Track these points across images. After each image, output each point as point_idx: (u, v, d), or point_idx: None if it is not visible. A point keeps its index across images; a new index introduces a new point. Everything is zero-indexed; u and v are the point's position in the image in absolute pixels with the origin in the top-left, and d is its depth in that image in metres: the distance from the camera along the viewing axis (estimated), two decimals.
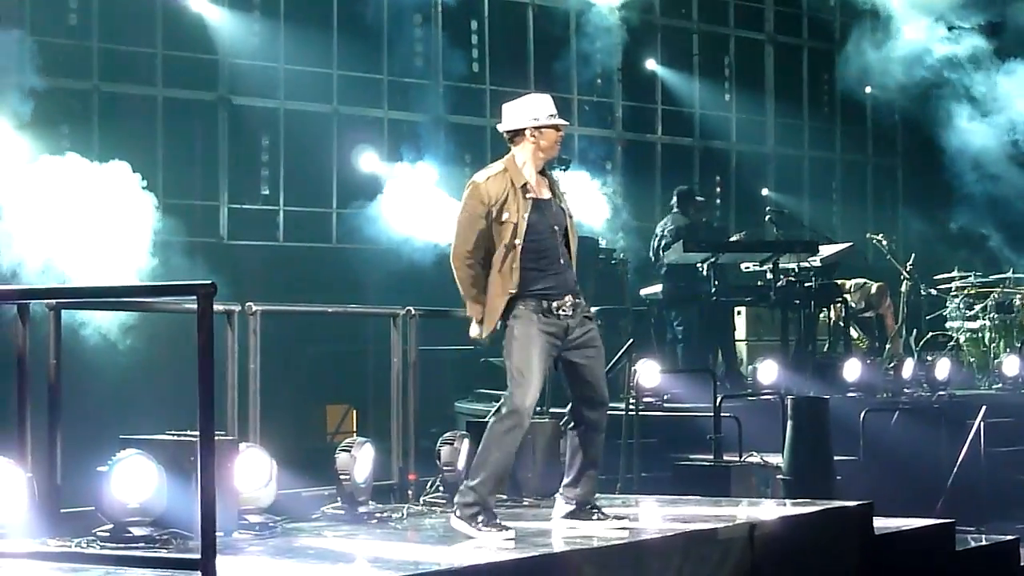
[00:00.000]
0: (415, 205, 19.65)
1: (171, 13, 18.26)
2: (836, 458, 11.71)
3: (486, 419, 7.73)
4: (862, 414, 13.08)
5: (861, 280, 17.36)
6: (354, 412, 18.18)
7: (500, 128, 7.84)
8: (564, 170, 16.24)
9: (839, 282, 16.44)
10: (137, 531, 6.93)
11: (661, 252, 15.69)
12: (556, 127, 7.81)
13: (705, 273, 15.18)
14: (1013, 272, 18.33)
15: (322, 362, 17.75)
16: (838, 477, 11.56)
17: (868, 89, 25.35)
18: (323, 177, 19.76)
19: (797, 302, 15.73)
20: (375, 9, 20.19)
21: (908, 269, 18.07)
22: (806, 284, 15.72)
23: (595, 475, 7.76)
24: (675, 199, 16.24)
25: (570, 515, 7.66)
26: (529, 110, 7.77)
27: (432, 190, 19.95)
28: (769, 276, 15.57)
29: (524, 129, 7.73)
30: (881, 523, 8.75)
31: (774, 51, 24.75)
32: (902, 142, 25.95)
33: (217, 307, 7.66)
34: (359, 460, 8.27)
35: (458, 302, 7.91)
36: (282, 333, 15.76)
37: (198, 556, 5.08)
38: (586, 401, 7.62)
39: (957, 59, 22.22)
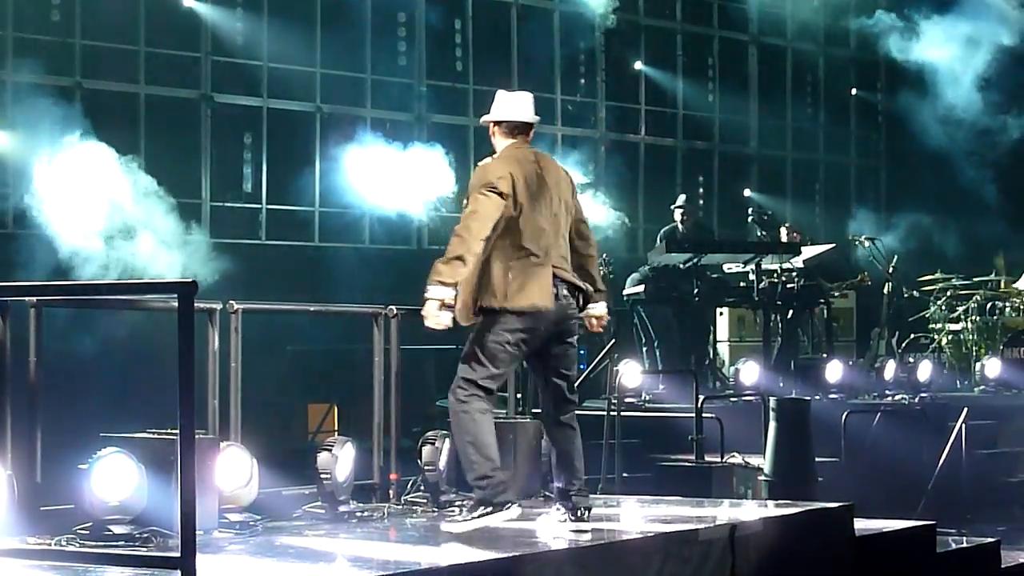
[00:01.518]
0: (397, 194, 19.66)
1: (154, 10, 18.21)
2: (818, 459, 11.73)
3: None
4: (844, 415, 13.10)
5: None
6: (335, 411, 18.15)
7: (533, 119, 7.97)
8: None
9: None
10: (117, 529, 6.90)
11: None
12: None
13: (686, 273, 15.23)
14: (995, 273, 18.37)
15: (304, 361, 17.71)
16: (820, 478, 11.58)
17: (853, 91, 25.42)
18: (306, 176, 19.73)
19: (780, 303, 15.76)
20: (359, 8, 20.17)
21: (890, 271, 18.09)
22: (788, 285, 15.75)
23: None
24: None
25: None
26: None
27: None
28: (752, 277, 15.60)
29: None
30: (862, 524, 8.76)
31: (758, 52, 24.77)
32: (885, 143, 26.00)
33: (198, 305, 7.65)
34: (340, 459, 8.25)
35: None
36: (264, 332, 15.72)
37: (178, 555, 5.06)
38: None
39: None
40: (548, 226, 7.69)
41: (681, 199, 16.80)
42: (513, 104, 7.91)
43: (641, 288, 15.76)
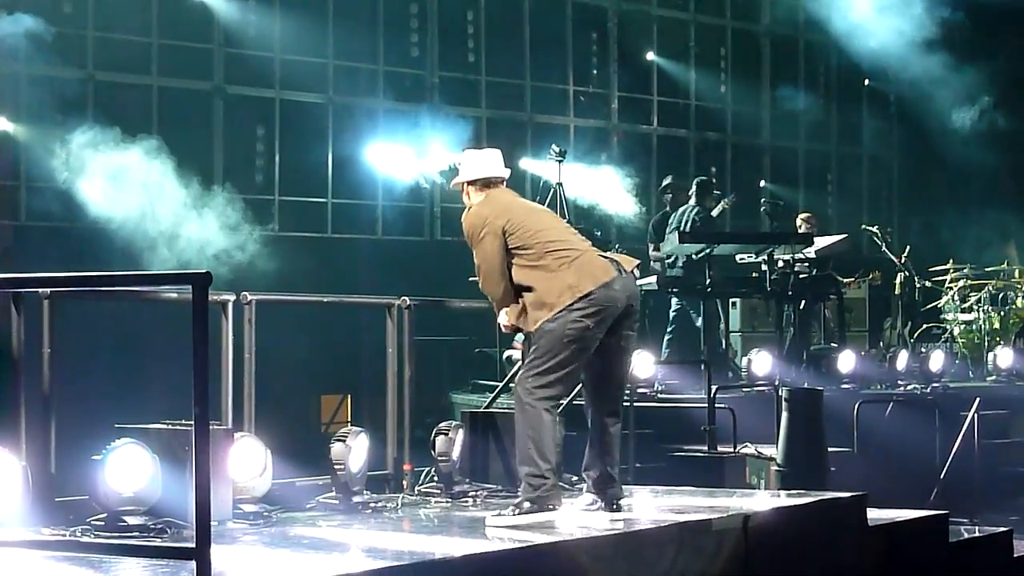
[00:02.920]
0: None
1: (166, 1, 18.23)
2: (830, 449, 11.73)
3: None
4: (856, 406, 13.08)
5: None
6: (349, 402, 18.19)
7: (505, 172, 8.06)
8: (560, 162, 16.22)
9: None
10: (131, 520, 6.92)
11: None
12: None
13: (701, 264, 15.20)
14: (1007, 263, 18.34)
15: (317, 352, 17.75)
16: (832, 468, 11.57)
17: (866, 81, 25.38)
18: (318, 167, 19.74)
19: (792, 294, 15.74)
20: None
21: (903, 261, 18.07)
22: (801, 276, 15.73)
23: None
24: (694, 189, 16.24)
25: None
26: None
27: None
28: (764, 268, 15.58)
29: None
30: (875, 514, 8.75)
31: (771, 43, 24.73)
32: (898, 134, 25.96)
33: (212, 296, 7.68)
34: (354, 450, 8.27)
35: (452, 293, 7.95)
36: (277, 323, 15.75)
37: (192, 545, 5.07)
38: None
39: None
40: (563, 228, 7.90)
41: (667, 180, 16.81)
42: (484, 162, 7.97)
43: (653, 279, 15.76)
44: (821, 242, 16.16)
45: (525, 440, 7.56)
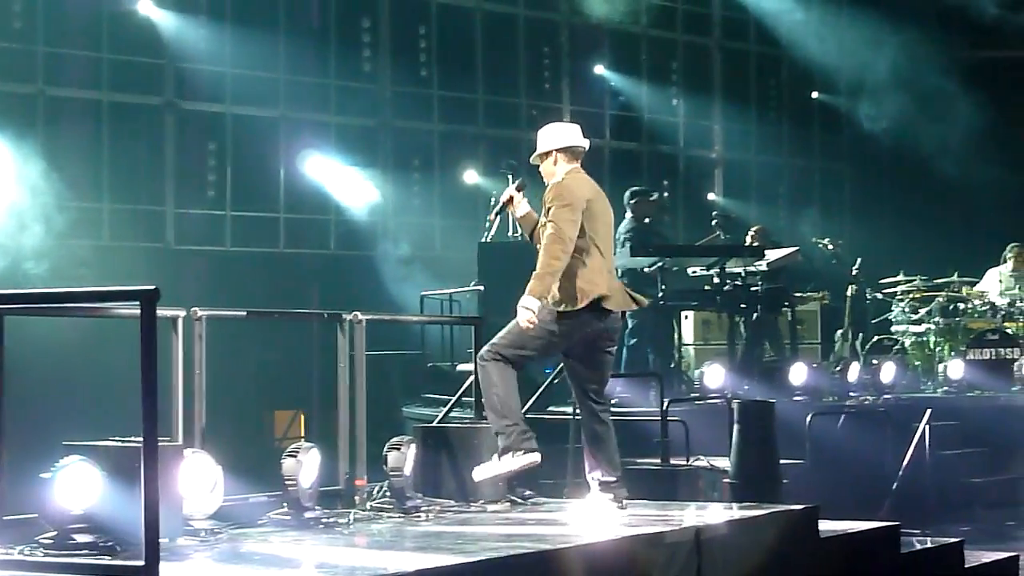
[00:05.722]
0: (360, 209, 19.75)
1: (117, 17, 18.16)
2: (782, 461, 11.74)
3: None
4: (808, 417, 13.12)
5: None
6: (301, 417, 18.13)
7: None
8: (513, 176, 16.19)
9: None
10: (81, 538, 6.87)
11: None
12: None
13: (651, 277, 15.21)
14: (958, 275, 18.41)
15: (269, 367, 17.69)
16: (784, 480, 11.59)
17: (815, 94, 25.52)
18: (270, 182, 19.70)
19: (744, 306, 15.78)
20: (322, 13, 20.16)
21: (854, 273, 18.14)
22: (752, 288, 15.78)
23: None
24: (631, 201, 16.10)
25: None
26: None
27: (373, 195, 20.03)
28: (716, 280, 15.61)
29: None
30: (827, 526, 8.78)
31: (722, 56, 24.84)
32: (849, 147, 26.10)
33: (162, 312, 7.63)
34: (305, 465, 8.24)
35: (405, 307, 7.96)
36: (228, 338, 15.70)
37: (142, 563, 5.04)
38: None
39: None
40: (606, 241, 8.65)
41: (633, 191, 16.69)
42: (571, 132, 9.05)
43: None
44: (772, 255, 16.20)
45: (491, 397, 8.36)
